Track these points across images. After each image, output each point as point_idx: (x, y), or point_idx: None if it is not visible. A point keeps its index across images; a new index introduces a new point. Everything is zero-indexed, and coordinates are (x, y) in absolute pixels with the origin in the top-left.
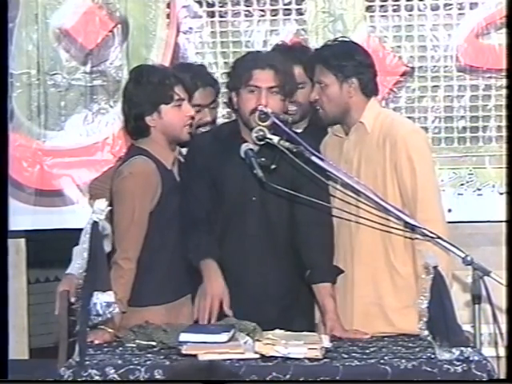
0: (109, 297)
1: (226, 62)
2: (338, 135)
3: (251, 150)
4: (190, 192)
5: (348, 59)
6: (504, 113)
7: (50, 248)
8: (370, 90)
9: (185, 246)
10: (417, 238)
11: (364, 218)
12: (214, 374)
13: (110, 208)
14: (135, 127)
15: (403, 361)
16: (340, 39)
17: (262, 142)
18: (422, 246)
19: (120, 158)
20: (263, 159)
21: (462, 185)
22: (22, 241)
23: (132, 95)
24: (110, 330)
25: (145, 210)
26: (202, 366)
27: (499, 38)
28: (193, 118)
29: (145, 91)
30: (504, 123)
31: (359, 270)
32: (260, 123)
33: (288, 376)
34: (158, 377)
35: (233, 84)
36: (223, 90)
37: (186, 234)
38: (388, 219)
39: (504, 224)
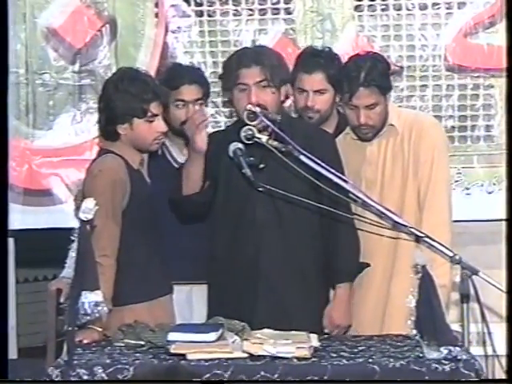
0: (97, 296)
1: (214, 62)
2: (356, 139)
3: (240, 149)
4: None
5: (387, 74)
6: (504, 113)
7: (38, 247)
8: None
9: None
10: (405, 239)
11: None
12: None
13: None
14: (106, 130)
15: (391, 360)
16: (371, 55)
17: (251, 142)
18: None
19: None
20: (252, 158)
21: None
22: (11, 240)
23: (110, 98)
24: (98, 329)
25: (118, 206)
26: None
27: (487, 38)
28: (164, 133)
29: (122, 100)
30: (504, 122)
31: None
32: (249, 122)
33: (276, 375)
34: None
35: (225, 85)
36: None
37: None
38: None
39: (503, 223)
